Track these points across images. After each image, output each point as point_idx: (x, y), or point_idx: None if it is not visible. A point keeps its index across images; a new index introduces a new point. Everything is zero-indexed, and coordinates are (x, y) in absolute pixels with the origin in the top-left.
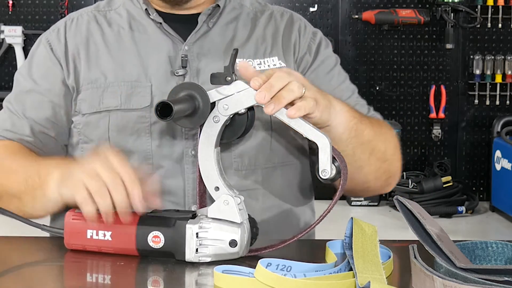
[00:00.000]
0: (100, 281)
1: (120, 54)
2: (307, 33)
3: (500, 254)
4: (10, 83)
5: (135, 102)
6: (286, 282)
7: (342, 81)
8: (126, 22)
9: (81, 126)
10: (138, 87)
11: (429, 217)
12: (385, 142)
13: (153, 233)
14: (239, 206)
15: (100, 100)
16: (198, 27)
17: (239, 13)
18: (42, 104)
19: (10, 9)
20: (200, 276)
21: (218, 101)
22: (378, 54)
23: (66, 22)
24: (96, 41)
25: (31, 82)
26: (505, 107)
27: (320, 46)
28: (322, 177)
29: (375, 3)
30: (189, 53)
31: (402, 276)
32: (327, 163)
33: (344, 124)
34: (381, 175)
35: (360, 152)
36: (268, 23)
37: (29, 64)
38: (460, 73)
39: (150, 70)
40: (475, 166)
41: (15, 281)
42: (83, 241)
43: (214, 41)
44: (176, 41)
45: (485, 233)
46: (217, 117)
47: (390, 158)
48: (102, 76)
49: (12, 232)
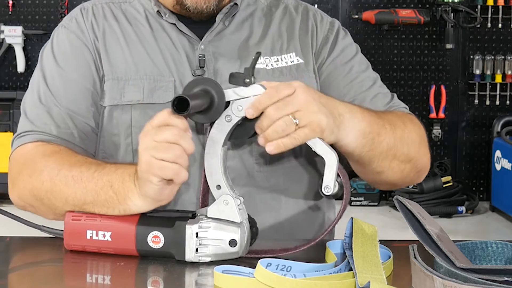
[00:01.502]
0: (100, 281)
1: (141, 49)
2: (324, 24)
3: (500, 254)
4: (10, 83)
5: (157, 97)
6: (286, 282)
7: (363, 70)
8: (144, 18)
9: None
10: (161, 81)
11: (429, 217)
12: (408, 144)
13: (153, 233)
14: (239, 206)
15: (121, 93)
16: (215, 26)
17: (254, 9)
18: (80, 94)
19: (10, 9)
20: (200, 276)
21: (233, 101)
22: (378, 54)
23: (81, 10)
24: (114, 33)
25: (64, 73)
26: (505, 107)
27: (338, 36)
28: (324, 193)
29: (375, 3)
30: (206, 53)
31: (402, 276)
32: (331, 180)
33: (356, 142)
34: (407, 174)
35: (379, 161)
36: (283, 17)
37: (56, 56)
38: (460, 73)
39: (172, 67)
40: (475, 166)
41: (15, 282)
42: (82, 242)
43: (230, 39)
44: (192, 41)
45: (485, 233)
46: (229, 116)
47: (415, 156)
48: (121, 69)
49: (11, 233)
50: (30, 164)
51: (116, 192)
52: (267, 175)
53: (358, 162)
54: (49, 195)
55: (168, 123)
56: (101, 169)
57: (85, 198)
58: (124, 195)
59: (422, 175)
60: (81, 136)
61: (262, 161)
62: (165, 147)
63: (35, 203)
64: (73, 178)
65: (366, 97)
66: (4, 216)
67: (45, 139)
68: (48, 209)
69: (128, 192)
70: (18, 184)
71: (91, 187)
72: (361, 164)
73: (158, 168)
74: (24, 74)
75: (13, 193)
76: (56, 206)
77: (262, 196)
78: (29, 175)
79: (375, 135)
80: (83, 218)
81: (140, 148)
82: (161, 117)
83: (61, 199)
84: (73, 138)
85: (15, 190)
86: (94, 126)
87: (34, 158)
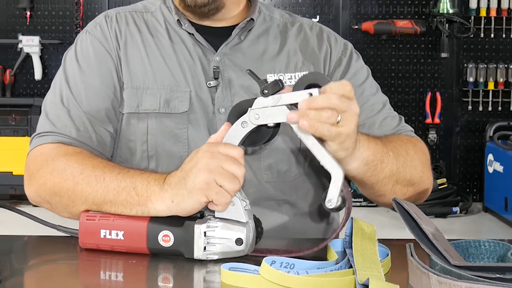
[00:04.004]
0: (113, 278)
1: (160, 59)
2: (338, 46)
3: (493, 252)
4: (27, 90)
5: (173, 107)
6: (290, 279)
7: (373, 93)
8: (164, 30)
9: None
10: (178, 91)
11: (425, 217)
12: (411, 169)
13: (163, 232)
14: (245, 207)
15: (139, 102)
16: (230, 39)
17: (269, 25)
18: (100, 100)
19: (28, 19)
20: (208, 273)
21: (251, 109)
22: (376, 62)
23: (105, 18)
24: (135, 42)
25: (86, 78)
26: (497, 113)
27: (352, 58)
28: (327, 206)
29: (374, 14)
30: (220, 64)
31: (400, 273)
32: (335, 194)
33: (358, 169)
34: (409, 196)
35: (381, 186)
36: (298, 35)
37: (79, 61)
38: (455, 81)
39: (188, 77)
40: (468, 168)
41: (33, 279)
42: (96, 241)
43: (245, 53)
44: (207, 52)
45: (478, 232)
46: (246, 123)
47: (418, 181)
48: (140, 78)
49: (29, 232)
50: (51, 162)
51: (138, 194)
52: (274, 185)
53: (360, 185)
54: (69, 193)
55: (238, 159)
56: (125, 172)
57: (105, 197)
58: (146, 197)
59: (424, 197)
60: (99, 140)
61: (270, 172)
62: (230, 177)
63: (53, 200)
64: (96, 177)
65: (376, 121)
66: (21, 216)
67: (65, 141)
68: (65, 206)
69: (151, 195)
70: (38, 180)
71: (113, 186)
72: (363, 187)
73: (216, 192)
74: (41, 81)
75: (30, 188)
76: (75, 204)
77: (269, 203)
78: (50, 172)
79: (378, 162)
80: (97, 218)
81: (202, 166)
82: (235, 151)
83: (81, 198)
84: (91, 141)
85: (33, 186)
86: (112, 132)
87: (55, 157)
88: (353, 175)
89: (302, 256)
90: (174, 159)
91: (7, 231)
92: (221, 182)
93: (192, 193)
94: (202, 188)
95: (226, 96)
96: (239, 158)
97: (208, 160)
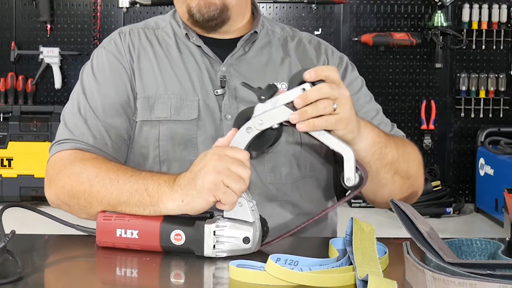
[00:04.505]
0: (128, 274)
1: (170, 70)
2: (334, 58)
3: (484, 250)
4: (48, 98)
5: (183, 114)
6: (294, 275)
7: (367, 101)
8: (173, 42)
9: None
10: (187, 100)
11: (421, 217)
12: (409, 161)
13: (175, 231)
14: (252, 208)
15: (151, 110)
16: (236, 50)
17: (271, 38)
18: (115, 109)
19: (48, 32)
20: (217, 269)
21: (253, 116)
22: (375, 72)
23: (119, 34)
24: (147, 55)
25: (102, 89)
26: (488, 119)
27: (347, 69)
28: (347, 184)
29: (372, 27)
30: (227, 74)
31: (397, 270)
32: (351, 172)
33: (367, 149)
34: (405, 190)
35: (384, 172)
36: (297, 48)
37: (96, 74)
38: (448, 89)
39: (196, 87)
40: (461, 172)
41: (54, 274)
42: (113, 239)
43: (250, 63)
44: (214, 63)
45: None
46: (250, 129)
47: (414, 175)
48: (152, 88)
49: (49, 231)
50: (69, 167)
51: (150, 195)
52: (277, 186)
53: None
54: (86, 195)
55: (244, 162)
56: (138, 174)
57: (119, 198)
58: (157, 198)
59: (416, 196)
60: (114, 147)
61: (274, 174)
62: (237, 178)
63: (71, 202)
64: (110, 180)
65: None
66: (42, 216)
67: (82, 148)
68: (82, 208)
69: (162, 196)
70: (56, 184)
71: (126, 188)
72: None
73: (223, 192)
74: (60, 90)
75: (50, 191)
76: (92, 205)
77: (272, 204)
78: (68, 176)
79: (383, 145)
80: (113, 218)
81: (210, 168)
82: (241, 155)
83: (97, 199)
84: (107, 148)
85: (52, 189)
86: (126, 138)
87: (73, 161)
88: (363, 155)
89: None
90: (184, 162)
91: (29, 230)
92: (228, 183)
93: (201, 193)
94: (210, 188)
95: (232, 103)
96: (245, 160)
97: (216, 163)
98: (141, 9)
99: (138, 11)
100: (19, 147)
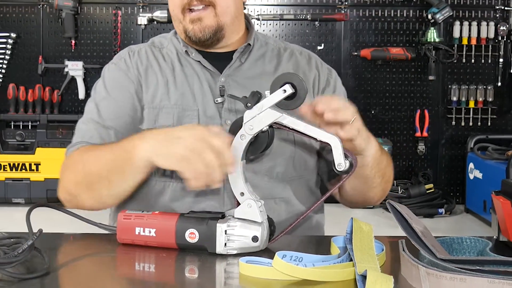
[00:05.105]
0: (146, 269)
1: (173, 83)
2: (323, 70)
3: (473, 247)
4: (73, 108)
5: (185, 123)
6: (299, 271)
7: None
8: (176, 59)
9: None
10: (188, 110)
11: (415, 217)
12: (390, 167)
13: (190, 230)
14: (260, 208)
15: (156, 119)
16: (232, 62)
17: (265, 50)
18: (123, 119)
19: (73, 47)
20: (228, 265)
21: (244, 123)
22: (373, 84)
23: (128, 53)
24: (153, 70)
25: (112, 101)
26: (477, 127)
27: (337, 81)
28: (338, 169)
29: (370, 42)
30: (225, 84)
31: (393, 266)
32: (341, 158)
33: (374, 156)
34: (384, 192)
35: (377, 176)
36: (290, 59)
37: (107, 87)
38: (440, 100)
39: (197, 98)
40: (452, 175)
41: (78, 269)
42: (132, 237)
43: (245, 73)
44: (213, 74)
45: (461, 230)
46: (243, 135)
47: (391, 181)
48: (157, 99)
49: (74, 230)
50: (69, 161)
51: (125, 150)
52: (272, 186)
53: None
54: (86, 178)
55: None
56: (117, 143)
57: (108, 169)
58: (132, 146)
59: (380, 200)
60: None
61: (270, 173)
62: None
63: (77, 189)
64: (96, 156)
65: None
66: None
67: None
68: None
69: (134, 141)
70: (63, 180)
71: (109, 157)
72: (365, 180)
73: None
74: (84, 100)
75: (60, 190)
76: (93, 186)
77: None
78: (70, 170)
79: (381, 152)
80: (132, 217)
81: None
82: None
83: (94, 178)
84: None
85: (61, 187)
86: None
87: (74, 157)
88: (370, 160)
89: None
90: None
91: (55, 229)
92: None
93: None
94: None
95: (231, 110)
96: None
97: (196, 135)
98: (158, 26)
99: (156, 27)
100: (46, 152)
